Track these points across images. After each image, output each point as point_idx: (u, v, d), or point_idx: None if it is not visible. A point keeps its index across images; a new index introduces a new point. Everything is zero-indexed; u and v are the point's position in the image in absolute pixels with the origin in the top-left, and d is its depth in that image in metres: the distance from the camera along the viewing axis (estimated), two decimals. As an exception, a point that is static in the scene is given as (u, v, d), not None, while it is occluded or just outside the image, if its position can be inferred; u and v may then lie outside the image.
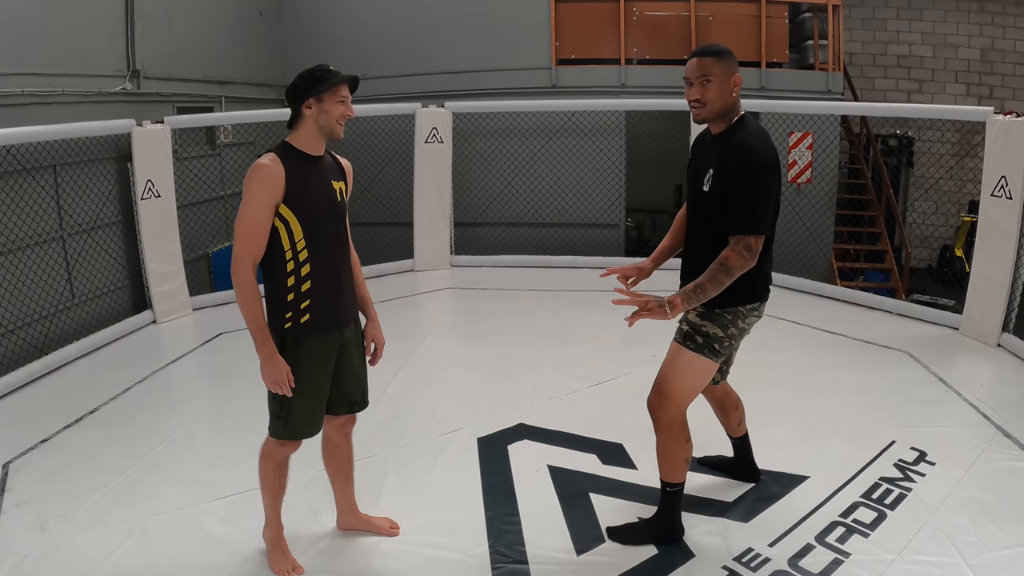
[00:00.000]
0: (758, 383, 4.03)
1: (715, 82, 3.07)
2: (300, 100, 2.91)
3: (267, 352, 2.92)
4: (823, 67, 9.98)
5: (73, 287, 6.44)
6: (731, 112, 3.15)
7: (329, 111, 2.91)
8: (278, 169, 2.85)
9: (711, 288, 2.94)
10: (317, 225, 2.96)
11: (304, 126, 2.95)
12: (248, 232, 2.87)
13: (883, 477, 3.92)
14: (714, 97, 3.08)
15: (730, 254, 2.94)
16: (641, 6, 9.80)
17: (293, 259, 2.95)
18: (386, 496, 3.87)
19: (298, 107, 2.93)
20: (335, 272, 3.06)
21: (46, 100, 6.30)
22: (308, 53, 10.38)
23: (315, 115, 2.91)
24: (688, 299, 2.93)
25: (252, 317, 2.89)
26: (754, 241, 2.95)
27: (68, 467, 4.23)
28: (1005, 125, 5.78)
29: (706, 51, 3.12)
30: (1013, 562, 3.20)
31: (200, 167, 8.22)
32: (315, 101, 2.89)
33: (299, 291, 2.98)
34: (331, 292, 3.05)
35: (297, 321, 2.99)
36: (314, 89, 2.89)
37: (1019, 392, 5.07)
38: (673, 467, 3.29)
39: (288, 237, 2.92)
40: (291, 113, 2.96)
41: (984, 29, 13.25)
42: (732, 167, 3.01)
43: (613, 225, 9.85)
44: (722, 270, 2.93)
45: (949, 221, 12.73)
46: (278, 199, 2.86)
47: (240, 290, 2.89)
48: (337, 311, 3.09)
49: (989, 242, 6.02)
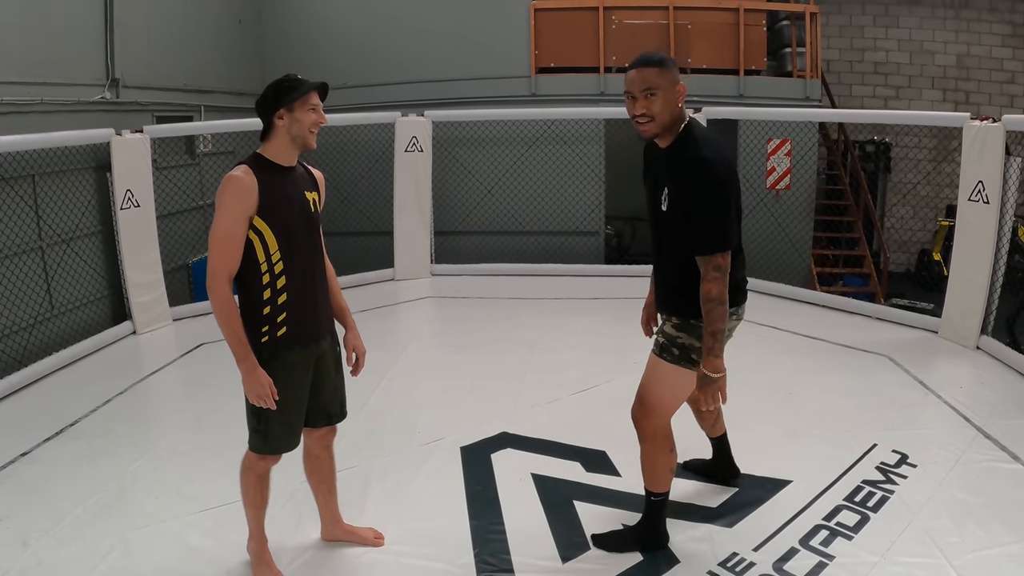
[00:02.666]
0: (739, 388, 4.02)
1: (660, 95, 2.88)
2: (271, 111, 2.89)
3: (248, 366, 2.88)
4: (801, 74, 10.06)
5: (52, 298, 6.38)
6: (677, 122, 2.98)
7: (301, 120, 2.89)
8: (251, 181, 2.82)
9: (719, 324, 2.87)
10: (291, 237, 2.94)
11: (276, 137, 2.93)
12: (223, 245, 2.83)
13: (865, 480, 3.95)
14: (660, 110, 2.90)
15: (707, 286, 2.86)
16: (620, 15, 9.84)
17: (268, 272, 2.92)
18: (370, 506, 3.85)
19: (269, 118, 2.91)
20: (311, 284, 3.04)
21: (25, 109, 6.26)
22: (287, 62, 10.35)
23: (287, 125, 2.89)
24: (712, 351, 2.89)
25: (232, 331, 2.85)
26: (721, 259, 2.86)
27: (49, 480, 4.19)
28: (981, 131, 5.85)
29: (648, 61, 2.91)
30: (996, 562, 3.23)
31: (179, 177, 8.17)
32: (286, 111, 2.88)
33: (275, 304, 2.94)
34: (307, 304, 3.02)
35: (274, 335, 2.96)
36: (284, 99, 2.86)
37: (998, 394, 5.12)
38: (657, 477, 3.29)
39: (263, 250, 2.89)
40: (263, 125, 2.94)
41: (960, 35, 13.42)
42: (688, 185, 2.90)
43: (593, 233, 9.86)
44: (712, 304, 2.86)
45: (927, 226, 12.84)
46: (251, 211, 2.83)
47: (217, 305, 2.84)
48: (313, 324, 3.07)
49: (967, 246, 6.08)
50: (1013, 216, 5.93)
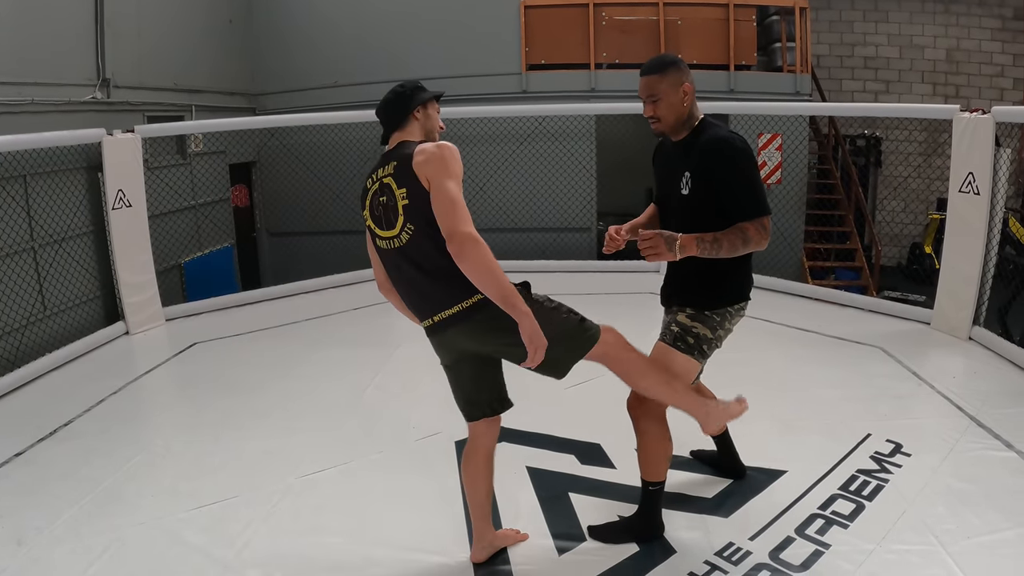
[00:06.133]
0: (734, 381, 4.05)
1: (663, 99, 3.09)
2: (411, 107, 3.06)
3: (529, 311, 2.76)
4: (791, 69, 10.10)
5: (45, 299, 6.38)
6: (689, 119, 3.16)
7: (433, 117, 3.12)
8: None
9: (726, 247, 2.93)
10: None
11: (412, 131, 3.06)
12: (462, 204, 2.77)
13: (860, 469, 3.96)
14: (665, 113, 3.11)
15: (749, 226, 2.94)
16: (610, 11, 9.87)
17: None
18: (366, 502, 3.86)
19: (408, 113, 3.06)
20: None
21: (15, 110, 6.25)
22: (278, 62, 10.38)
23: (422, 120, 3.08)
24: (702, 244, 2.91)
25: (503, 281, 2.71)
26: (767, 221, 2.98)
27: (44, 480, 4.18)
28: (971, 122, 5.86)
29: (649, 69, 3.12)
30: (991, 548, 3.24)
31: (171, 176, 8.16)
32: (422, 108, 3.08)
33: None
34: None
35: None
36: (423, 98, 3.09)
37: (991, 383, 5.13)
38: (655, 466, 3.30)
39: None
40: (397, 119, 3.07)
41: (949, 30, 13.48)
42: (716, 161, 3.01)
43: (585, 229, 9.88)
44: (740, 236, 2.93)
45: (918, 219, 12.89)
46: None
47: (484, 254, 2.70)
48: None
49: (958, 237, 6.10)
50: (1004, 207, 5.96)
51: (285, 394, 5.31)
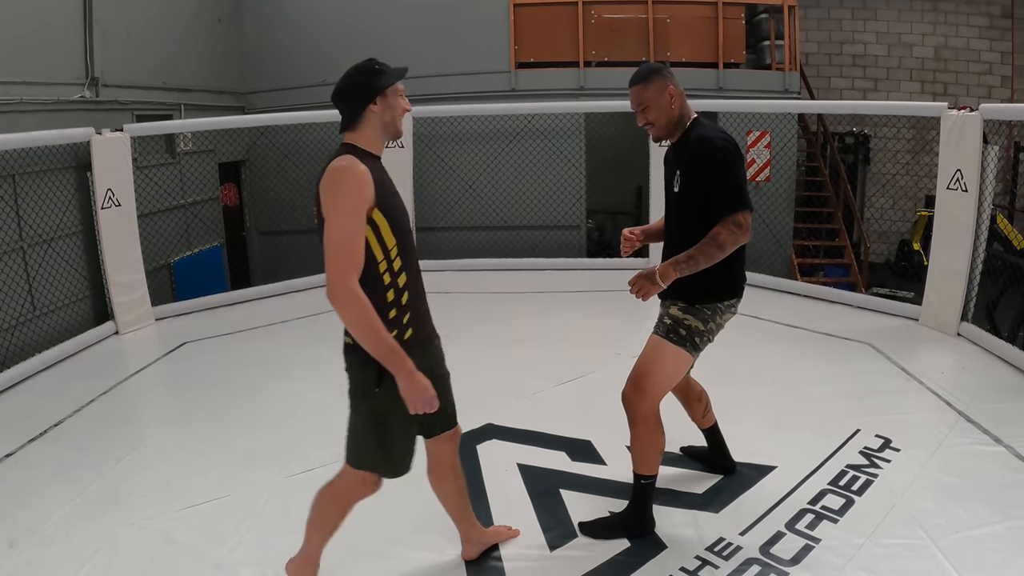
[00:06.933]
0: (724, 377, 4.09)
1: (651, 106, 3.21)
2: (368, 98, 2.66)
3: (408, 369, 2.53)
4: (780, 67, 10.12)
5: (34, 299, 6.35)
6: (681, 120, 3.27)
7: (394, 105, 2.72)
8: (366, 170, 2.55)
9: (702, 260, 3.04)
10: (403, 230, 2.67)
11: (368, 126, 2.68)
12: (348, 244, 2.49)
13: (849, 464, 3.99)
14: (656, 118, 3.23)
15: (720, 230, 3.03)
16: (599, 9, 9.88)
17: (388, 270, 2.64)
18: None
19: (363, 106, 2.67)
20: (420, 280, 2.80)
21: (4, 109, 6.22)
22: (266, 60, 10.35)
23: (380, 112, 2.68)
24: (678, 267, 3.04)
25: (379, 338, 2.48)
26: (742, 217, 3.04)
27: (34, 481, 4.16)
28: (959, 120, 5.90)
29: (634, 80, 3.25)
30: (980, 541, 3.27)
31: (160, 175, 8.14)
32: (380, 97, 2.67)
33: (400, 304, 2.68)
34: (422, 301, 2.80)
35: (402, 338, 2.66)
36: (380, 85, 2.67)
37: (979, 379, 5.18)
38: (648, 459, 3.33)
39: (380, 246, 2.60)
40: (349, 115, 2.69)
41: (938, 27, 13.54)
42: (699, 160, 3.12)
43: (574, 227, 9.90)
44: (713, 244, 3.03)
45: (906, 216, 12.95)
46: (371, 204, 2.54)
47: (357, 313, 2.47)
48: (428, 323, 2.84)
49: (946, 234, 6.14)
50: (991, 204, 5.99)
51: (275, 393, 5.31)
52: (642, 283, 3.06)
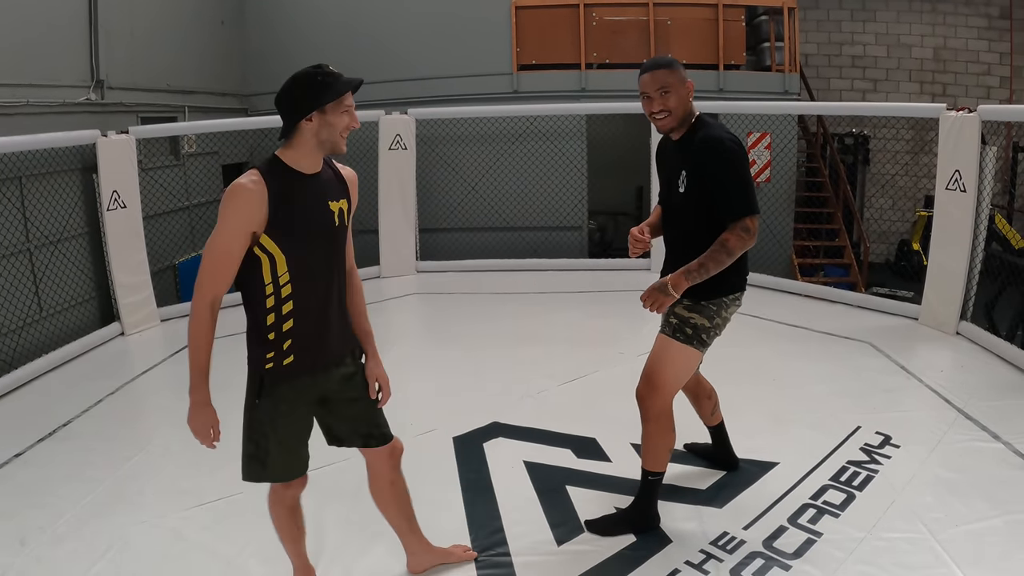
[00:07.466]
0: (726, 376, 4.13)
1: (673, 91, 3.21)
2: (301, 113, 2.46)
3: (198, 399, 2.60)
4: (779, 68, 10.15)
5: (40, 300, 6.39)
6: (688, 116, 3.29)
7: (333, 124, 2.49)
8: (259, 191, 2.42)
9: (712, 267, 3.08)
10: (305, 257, 2.56)
11: (300, 141, 2.51)
12: (216, 261, 2.47)
13: (850, 460, 4.04)
14: (675, 105, 3.22)
15: (729, 236, 3.07)
16: (600, 11, 9.92)
17: (274, 294, 2.55)
18: (364, 498, 3.88)
19: (295, 121, 2.48)
20: (324, 307, 2.65)
21: (10, 111, 6.25)
22: (269, 63, 10.37)
23: (315, 129, 2.48)
24: (690, 276, 3.08)
25: (194, 355, 2.55)
26: (750, 222, 3.09)
27: (44, 480, 4.20)
28: (958, 121, 5.94)
29: (658, 64, 3.26)
30: (979, 535, 3.32)
31: (165, 177, 8.18)
32: (317, 113, 2.46)
33: (280, 330, 2.59)
34: (319, 330, 2.65)
35: (279, 363, 2.62)
36: (318, 100, 2.45)
37: (978, 377, 5.22)
38: (657, 456, 3.38)
39: (270, 270, 2.52)
40: (284, 125, 2.52)
41: (936, 29, 13.58)
42: (708, 161, 3.14)
43: (576, 228, 9.94)
44: (723, 250, 3.07)
45: (905, 216, 12.99)
46: (258, 227, 2.44)
47: (193, 323, 2.52)
48: (326, 350, 2.70)
49: (945, 234, 6.18)
50: (990, 204, 6.03)
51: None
52: (655, 296, 3.10)
